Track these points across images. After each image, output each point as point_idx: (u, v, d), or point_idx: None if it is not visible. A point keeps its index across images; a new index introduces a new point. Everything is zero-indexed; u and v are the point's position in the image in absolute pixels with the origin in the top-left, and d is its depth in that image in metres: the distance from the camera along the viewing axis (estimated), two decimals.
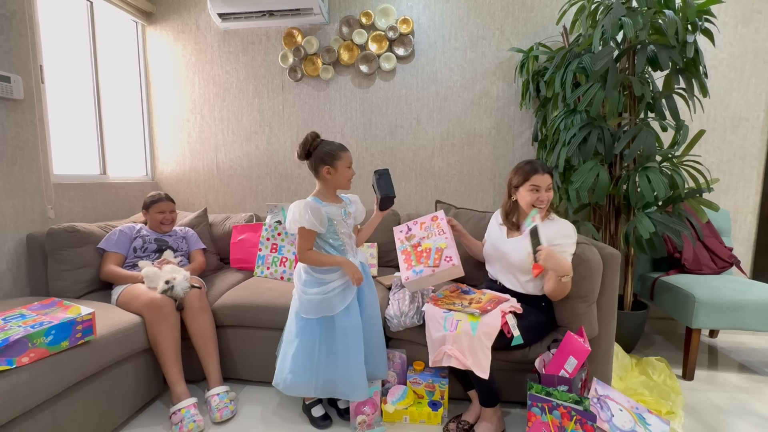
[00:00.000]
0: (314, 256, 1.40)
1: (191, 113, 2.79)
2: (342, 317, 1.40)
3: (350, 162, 1.42)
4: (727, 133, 2.39)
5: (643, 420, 1.24)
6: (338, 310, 1.39)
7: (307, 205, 1.35)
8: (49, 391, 1.18)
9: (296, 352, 1.43)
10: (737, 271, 2.22)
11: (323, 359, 1.41)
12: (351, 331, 1.40)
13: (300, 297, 1.43)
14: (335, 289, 1.39)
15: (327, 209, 1.40)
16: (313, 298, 1.39)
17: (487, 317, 1.35)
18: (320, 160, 1.39)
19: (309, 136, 1.40)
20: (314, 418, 1.52)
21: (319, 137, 1.42)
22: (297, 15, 2.44)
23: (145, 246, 1.88)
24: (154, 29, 2.74)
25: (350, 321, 1.41)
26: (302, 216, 1.34)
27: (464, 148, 2.58)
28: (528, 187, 1.48)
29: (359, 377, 1.40)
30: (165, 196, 2.01)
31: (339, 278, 1.41)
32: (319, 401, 1.56)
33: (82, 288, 1.79)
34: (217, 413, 1.51)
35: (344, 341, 1.39)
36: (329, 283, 1.40)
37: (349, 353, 1.39)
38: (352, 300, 1.42)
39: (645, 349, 2.18)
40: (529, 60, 2.28)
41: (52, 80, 2.09)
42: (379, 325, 1.55)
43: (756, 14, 2.30)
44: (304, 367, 1.42)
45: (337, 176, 1.41)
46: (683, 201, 1.87)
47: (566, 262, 1.38)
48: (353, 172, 1.45)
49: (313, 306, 1.40)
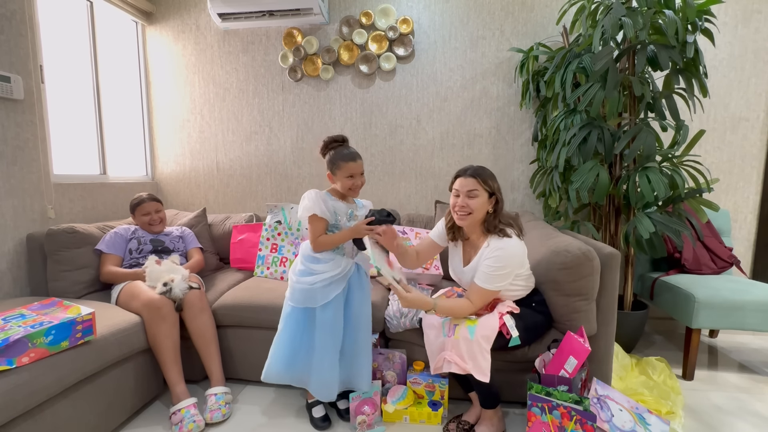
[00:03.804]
0: (326, 239, 1.42)
1: (191, 113, 2.79)
2: (322, 312, 1.42)
3: (351, 173, 1.40)
4: (727, 133, 2.39)
5: (643, 420, 1.24)
6: (319, 303, 1.41)
7: (318, 195, 1.41)
8: (49, 391, 1.18)
9: (280, 338, 1.49)
10: (737, 271, 2.22)
11: (302, 351, 1.45)
12: (328, 328, 1.42)
13: (292, 285, 1.47)
14: (321, 281, 1.40)
15: (334, 204, 1.43)
16: (301, 287, 1.43)
17: (485, 320, 1.34)
18: (328, 162, 1.44)
19: (328, 139, 1.44)
20: (314, 418, 1.52)
21: (336, 142, 1.44)
22: (297, 15, 2.45)
23: (140, 247, 1.88)
24: (154, 29, 2.74)
25: (327, 316, 1.42)
26: (315, 203, 1.38)
27: (464, 148, 2.58)
28: (453, 192, 1.41)
29: (330, 377, 1.42)
30: (148, 196, 1.99)
31: (330, 270, 1.42)
32: (320, 402, 1.55)
33: (81, 289, 1.79)
34: (208, 414, 1.50)
35: (321, 336, 1.42)
36: (317, 275, 1.41)
37: (324, 350, 1.42)
38: (335, 298, 1.43)
39: (645, 349, 2.18)
40: (529, 60, 2.28)
41: (52, 80, 2.09)
42: (365, 332, 1.50)
43: (756, 14, 2.30)
44: (282, 354, 1.47)
45: (337, 183, 1.44)
46: (683, 201, 1.87)
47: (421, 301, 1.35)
48: (357, 182, 1.43)
49: (297, 294, 1.44)
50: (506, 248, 1.32)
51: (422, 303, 1.37)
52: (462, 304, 1.39)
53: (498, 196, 1.38)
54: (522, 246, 1.37)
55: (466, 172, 1.38)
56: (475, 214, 1.37)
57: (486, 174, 1.38)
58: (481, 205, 1.36)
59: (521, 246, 1.37)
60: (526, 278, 1.43)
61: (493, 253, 1.33)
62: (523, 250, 1.37)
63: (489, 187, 1.36)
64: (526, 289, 1.45)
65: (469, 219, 1.37)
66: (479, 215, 1.37)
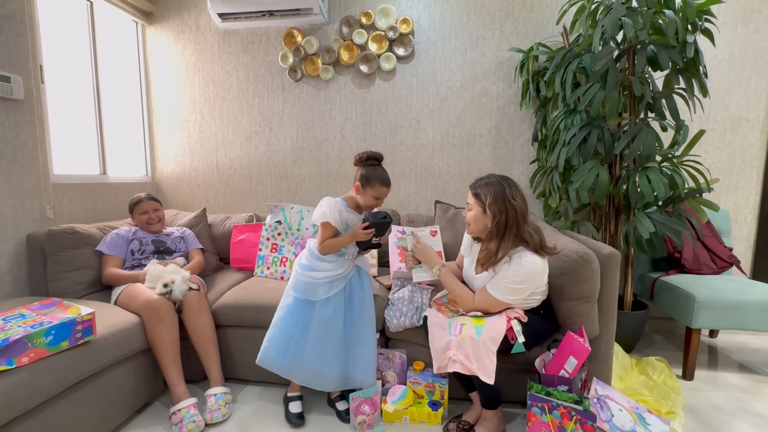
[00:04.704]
0: (330, 243, 1.48)
1: (191, 113, 2.79)
2: (321, 307, 1.48)
3: (380, 195, 1.47)
4: (727, 133, 2.39)
5: (643, 420, 1.24)
6: (320, 297, 1.47)
7: (336, 205, 1.46)
8: (49, 391, 1.18)
9: (277, 325, 1.54)
10: (737, 271, 2.22)
11: (295, 340, 1.49)
12: (326, 323, 1.47)
13: (295, 275, 1.53)
14: (323, 278, 1.48)
15: (347, 216, 1.48)
16: (305, 279, 1.49)
17: (492, 320, 1.33)
18: (360, 176, 1.47)
19: (365, 155, 1.48)
20: (289, 413, 1.54)
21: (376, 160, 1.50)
22: (297, 15, 2.44)
23: (142, 248, 1.88)
24: (154, 29, 2.74)
25: (327, 313, 1.47)
26: (331, 213, 1.44)
27: (464, 148, 2.58)
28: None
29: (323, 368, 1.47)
30: (146, 196, 1.99)
31: (332, 269, 1.49)
32: (299, 397, 1.59)
33: (81, 289, 1.79)
34: (208, 414, 1.50)
35: (317, 330, 1.47)
36: (320, 272, 1.48)
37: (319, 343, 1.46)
38: (336, 295, 1.49)
39: (645, 349, 2.18)
40: (529, 60, 2.28)
41: (52, 80, 2.09)
42: (368, 328, 1.54)
43: (756, 14, 2.30)
44: (278, 341, 1.51)
45: (360, 197, 1.48)
46: (683, 201, 1.87)
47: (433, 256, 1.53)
48: (380, 203, 1.50)
49: (300, 286, 1.50)
50: (528, 265, 1.30)
51: (433, 257, 1.52)
52: (464, 293, 1.43)
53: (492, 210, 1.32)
54: (543, 264, 1.33)
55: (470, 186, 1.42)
56: (473, 227, 1.40)
57: (482, 188, 1.36)
58: (474, 218, 1.38)
59: (543, 264, 1.33)
60: (543, 292, 1.43)
61: (514, 267, 1.31)
62: (543, 269, 1.33)
63: (481, 202, 1.35)
64: (541, 301, 1.45)
65: (469, 229, 1.44)
66: (476, 227, 1.40)
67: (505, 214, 1.31)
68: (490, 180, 1.37)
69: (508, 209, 1.31)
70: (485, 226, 1.37)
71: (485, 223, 1.36)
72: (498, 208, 1.32)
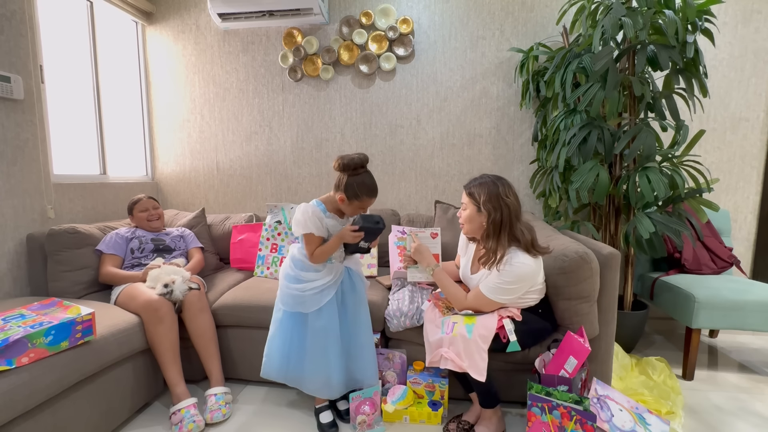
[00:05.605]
0: (320, 252, 1.40)
1: (191, 113, 2.79)
2: (314, 318, 1.44)
3: (366, 206, 1.41)
4: (727, 133, 2.39)
5: (643, 420, 1.24)
6: (311, 309, 1.43)
7: (314, 213, 1.37)
8: (49, 391, 1.18)
9: (272, 342, 1.52)
10: (737, 271, 2.22)
11: (294, 353, 1.47)
12: (322, 334, 1.43)
13: (282, 289, 1.49)
14: (312, 290, 1.42)
15: (328, 221, 1.40)
16: (292, 292, 1.44)
17: (483, 318, 1.34)
18: (346, 186, 1.35)
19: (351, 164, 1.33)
20: (321, 424, 1.50)
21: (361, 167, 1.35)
22: (297, 15, 2.44)
23: (142, 246, 1.89)
24: (154, 29, 2.74)
25: (322, 324, 1.43)
26: (312, 222, 1.36)
27: (464, 148, 2.58)
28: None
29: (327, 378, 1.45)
30: (144, 196, 2.04)
31: (320, 278, 1.43)
32: (328, 407, 1.55)
33: (81, 289, 1.79)
34: (208, 414, 1.50)
35: (313, 341, 1.44)
36: (307, 282, 1.42)
37: (317, 354, 1.44)
38: (328, 304, 1.43)
39: (645, 349, 2.18)
40: (529, 60, 2.28)
41: (52, 80, 2.09)
42: (365, 331, 1.52)
43: (756, 14, 2.30)
44: (276, 355, 1.49)
45: (345, 207, 1.40)
46: (683, 201, 1.87)
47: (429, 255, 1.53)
48: (364, 211, 1.44)
49: (288, 299, 1.46)
50: (518, 266, 1.30)
51: (428, 258, 1.52)
52: (457, 292, 1.43)
53: (486, 208, 1.33)
54: (536, 264, 1.33)
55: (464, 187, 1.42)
56: (468, 226, 1.41)
57: (476, 187, 1.37)
58: (469, 218, 1.39)
59: (534, 265, 1.33)
60: (539, 290, 1.42)
61: (506, 268, 1.32)
62: (535, 269, 1.33)
63: (476, 200, 1.36)
64: (538, 299, 1.44)
65: (464, 229, 1.44)
66: (471, 227, 1.40)
67: (500, 212, 1.32)
68: (484, 179, 1.38)
69: (502, 207, 1.33)
70: (480, 225, 1.38)
71: (480, 222, 1.37)
72: (492, 205, 1.33)
